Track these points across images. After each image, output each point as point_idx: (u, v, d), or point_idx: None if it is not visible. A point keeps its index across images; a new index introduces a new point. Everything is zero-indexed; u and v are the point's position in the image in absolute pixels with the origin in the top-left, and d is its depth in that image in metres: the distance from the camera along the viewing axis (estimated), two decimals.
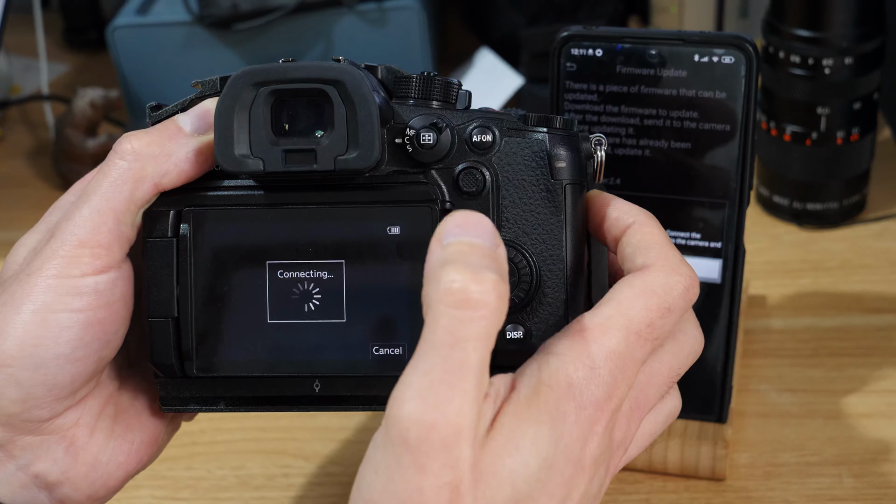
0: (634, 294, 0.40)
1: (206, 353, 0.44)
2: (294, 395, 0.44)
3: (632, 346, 0.39)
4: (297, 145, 0.42)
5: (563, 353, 0.39)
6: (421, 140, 0.42)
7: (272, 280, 0.43)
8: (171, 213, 0.43)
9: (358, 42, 0.87)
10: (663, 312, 0.40)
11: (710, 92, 0.54)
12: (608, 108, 0.55)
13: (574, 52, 0.55)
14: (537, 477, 0.37)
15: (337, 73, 0.41)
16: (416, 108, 0.43)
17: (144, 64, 0.89)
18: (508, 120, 0.43)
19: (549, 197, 0.43)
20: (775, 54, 0.71)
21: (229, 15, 0.85)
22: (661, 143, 0.55)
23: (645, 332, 0.40)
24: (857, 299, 0.70)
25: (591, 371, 0.39)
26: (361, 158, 0.41)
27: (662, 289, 0.41)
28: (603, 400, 0.39)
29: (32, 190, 0.86)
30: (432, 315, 0.37)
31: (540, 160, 0.43)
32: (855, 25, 0.69)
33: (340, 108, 0.41)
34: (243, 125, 0.41)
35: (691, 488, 0.58)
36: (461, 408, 0.36)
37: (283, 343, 0.43)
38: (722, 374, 0.58)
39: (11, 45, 1.02)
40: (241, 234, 0.43)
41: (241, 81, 0.41)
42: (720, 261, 0.56)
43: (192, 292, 0.43)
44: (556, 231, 0.43)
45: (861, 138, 0.73)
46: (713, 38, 0.53)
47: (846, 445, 0.60)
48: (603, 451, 0.39)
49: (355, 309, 0.43)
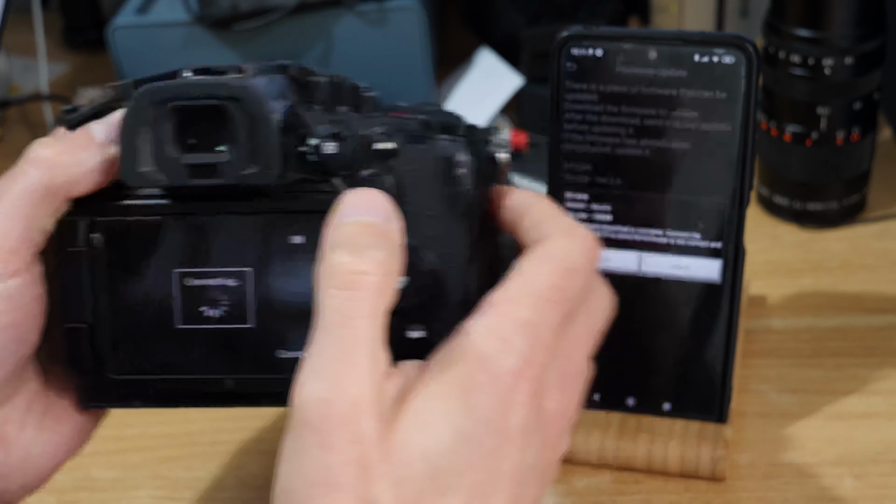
0: (535, 263, 0.41)
1: (120, 357, 0.45)
2: (207, 392, 0.46)
3: (542, 311, 0.40)
4: (201, 160, 0.43)
5: (472, 330, 0.39)
6: (323, 150, 0.43)
7: (181, 287, 0.45)
8: (84, 223, 0.45)
9: (358, 42, 0.87)
10: (567, 273, 0.41)
11: (710, 92, 0.53)
12: (608, 108, 0.55)
13: (574, 52, 0.55)
14: (454, 449, 0.37)
15: (236, 89, 0.42)
16: (321, 115, 0.44)
17: (144, 64, 0.89)
18: (412, 126, 0.44)
19: (450, 202, 0.43)
20: (775, 54, 0.71)
21: (229, 15, 0.85)
22: (661, 143, 0.55)
23: (553, 296, 0.40)
24: (858, 299, 0.70)
25: (503, 342, 0.39)
26: (263, 174, 0.42)
27: (562, 252, 0.41)
28: (520, 368, 0.39)
29: None
30: (321, 297, 0.38)
31: (441, 167, 0.43)
32: (855, 25, 0.69)
33: (241, 123, 0.42)
34: (147, 142, 0.42)
35: (691, 488, 0.58)
36: (356, 382, 0.37)
37: (192, 347, 0.45)
38: (722, 374, 0.58)
39: (11, 45, 1.02)
40: (151, 244, 0.45)
41: (143, 99, 0.42)
42: (720, 261, 0.56)
43: (105, 299, 0.45)
44: (459, 235, 0.44)
45: (861, 138, 0.73)
46: (713, 38, 0.53)
47: (846, 446, 0.60)
48: (532, 421, 0.39)
49: (262, 315, 0.44)
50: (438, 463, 0.37)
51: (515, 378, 0.38)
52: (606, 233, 0.57)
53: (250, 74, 0.44)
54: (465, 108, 0.90)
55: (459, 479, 0.37)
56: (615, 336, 0.59)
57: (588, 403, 0.60)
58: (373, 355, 0.38)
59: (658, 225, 0.56)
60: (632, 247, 0.57)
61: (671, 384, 0.59)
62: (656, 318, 0.58)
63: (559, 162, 0.57)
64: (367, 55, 0.88)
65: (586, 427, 0.59)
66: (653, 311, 0.58)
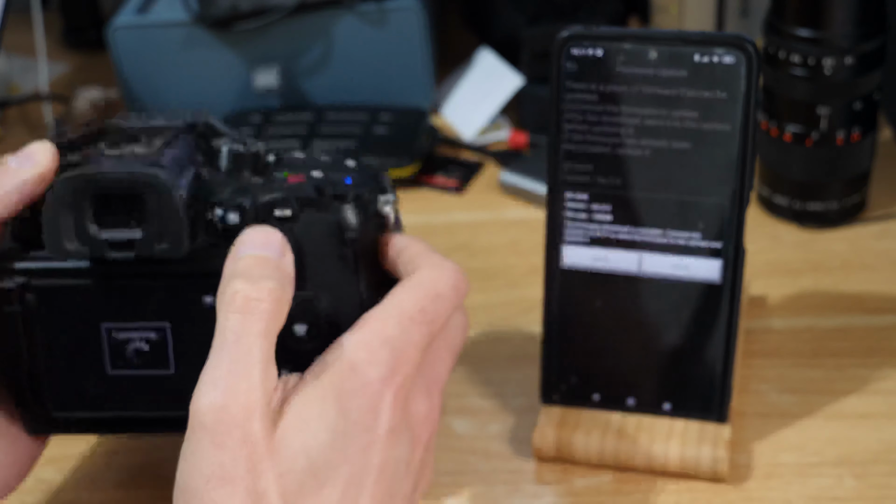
0: (405, 289, 0.48)
1: (60, 398, 0.52)
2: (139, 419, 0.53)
3: (406, 329, 0.46)
4: (118, 236, 0.48)
5: (345, 343, 0.46)
6: (228, 220, 0.49)
7: (109, 339, 0.51)
8: (18, 286, 0.50)
9: (358, 42, 0.87)
10: (433, 298, 0.47)
11: (710, 92, 0.53)
12: (608, 108, 0.55)
13: (574, 52, 0.55)
14: (331, 446, 0.43)
15: (145, 177, 0.47)
16: (226, 181, 0.50)
17: (144, 64, 0.89)
18: (307, 192, 0.50)
19: (342, 259, 0.50)
20: (775, 54, 0.71)
21: (229, 15, 0.85)
22: (661, 143, 0.55)
23: (418, 317, 0.46)
24: (858, 299, 0.70)
25: (370, 354, 0.45)
26: (173, 249, 0.48)
27: (428, 280, 0.48)
28: (386, 377, 0.45)
29: None
30: (220, 321, 0.44)
31: (333, 231, 0.50)
32: (855, 25, 0.69)
33: (152, 206, 0.47)
34: (69, 221, 0.48)
35: (691, 488, 0.58)
36: (248, 390, 0.42)
37: (122, 388, 0.52)
38: (722, 374, 0.58)
39: (10, 45, 1.02)
40: (79, 301, 0.51)
41: (65, 186, 0.47)
42: (720, 261, 0.56)
43: (42, 349, 0.51)
44: (351, 284, 0.50)
45: (861, 138, 0.73)
46: (713, 38, 0.53)
47: (847, 446, 0.60)
48: (399, 422, 0.45)
49: (181, 361, 0.51)
50: (316, 458, 0.43)
51: (382, 385, 0.44)
52: (606, 233, 0.57)
53: (161, 146, 0.49)
54: (465, 108, 0.90)
55: (335, 471, 0.43)
56: (615, 336, 0.59)
57: (588, 403, 0.60)
58: (264, 369, 0.43)
59: (658, 225, 0.56)
60: (632, 247, 0.57)
61: (671, 384, 0.59)
62: (656, 318, 0.58)
63: (559, 162, 0.57)
64: (367, 55, 0.88)
65: (586, 427, 0.59)
66: (653, 311, 0.58)
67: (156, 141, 0.50)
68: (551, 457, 0.60)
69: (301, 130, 0.85)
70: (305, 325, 0.50)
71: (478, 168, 0.85)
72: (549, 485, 0.59)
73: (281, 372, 0.48)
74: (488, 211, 0.81)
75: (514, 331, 0.69)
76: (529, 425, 0.61)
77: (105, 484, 0.61)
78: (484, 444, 0.62)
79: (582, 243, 0.58)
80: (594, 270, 0.58)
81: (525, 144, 0.86)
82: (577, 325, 0.59)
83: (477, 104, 0.89)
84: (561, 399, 0.60)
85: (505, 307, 0.71)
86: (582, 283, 0.58)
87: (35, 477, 0.62)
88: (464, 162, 0.86)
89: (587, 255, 0.58)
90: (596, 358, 0.60)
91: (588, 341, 0.59)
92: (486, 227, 0.79)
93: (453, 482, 0.60)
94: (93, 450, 0.62)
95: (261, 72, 0.88)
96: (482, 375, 0.66)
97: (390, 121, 0.86)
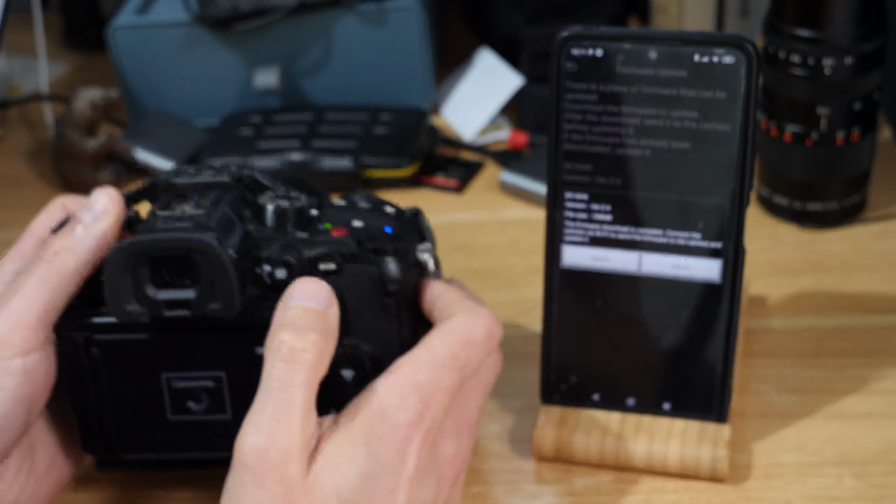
0: (438, 335, 0.50)
1: (125, 442, 0.55)
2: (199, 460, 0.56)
3: (438, 376, 0.48)
4: (174, 296, 0.51)
5: (377, 389, 0.48)
6: (276, 276, 0.52)
7: (168, 388, 0.54)
8: (83, 341, 0.53)
9: (358, 42, 0.87)
10: (465, 345, 0.49)
11: (710, 92, 0.54)
12: (608, 108, 0.55)
13: (574, 52, 0.55)
14: (360, 487, 0.46)
15: (197, 243, 0.50)
16: (272, 237, 0.53)
17: (144, 64, 0.89)
18: (349, 248, 0.53)
19: (384, 308, 0.53)
20: (775, 54, 0.71)
21: (229, 15, 0.85)
22: (661, 143, 0.55)
23: (449, 363, 0.49)
24: (858, 299, 0.70)
25: (400, 399, 0.47)
26: (226, 309, 0.51)
27: (462, 327, 0.50)
28: (414, 422, 0.47)
29: (32, 190, 0.86)
30: (267, 367, 0.47)
31: (375, 283, 0.53)
32: (855, 25, 0.69)
33: (204, 269, 0.50)
34: (128, 284, 0.51)
35: (691, 488, 0.58)
36: (289, 435, 0.45)
37: (184, 431, 0.55)
38: (722, 374, 0.58)
39: (11, 45, 1.02)
40: (141, 354, 0.54)
41: (123, 253, 0.50)
42: (720, 261, 0.56)
43: (107, 397, 0.54)
44: (392, 332, 0.53)
45: (861, 138, 0.73)
46: (713, 38, 0.53)
47: (847, 446, 0.60)
48: (426, 465, 0.48)
49: (237, 407, 0.54)
50: (347, 498, 0.46)
51: (410, 430, 0.47)
52: (606, 233, 0.57)
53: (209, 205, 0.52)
54: (465, 108, 0.90)
55: None
56: (615, 336, 0.59)
57: (588, 403, 0.60)
58: (304, 416, 0.46)
59: (658, 225, 0.56)
60: (632, 247, 0.57)
61: (671, 384, 0.59)
62: (656, 319, 0.58)
63: (559, 162, 0.57)
64: (367, 55, 0.88)
65: (586, 427, 0.59)
66: (653, 311, 0.58)
67: (204, 200, 0.53)
68: (551, 457, 0.60)
69: (301, 130, 0.85)
70: (352, 371, 0.53)
71: (478, 168, 0.85)
72: (549, 485, 0.59)
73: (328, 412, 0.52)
74: (488, 211, 0.81)
75: (515, 331, 0.69)
76: (529, 425, 0.62)
77: (105, 484, 0.61)
78: (484, 444, 0.62)
79: (582, 243, 0.58)
80: (594, 270, 0.58)
81: (525, 144, 0.86)
82: (577, 325, 0.59)
83: (477, 104, 0.89)
84: (561, 399, 0.60)
85: (505, 307, 0.71)
86: (582, 283, 0.58)
87: None
88: (464, 162, 0.86)
89: (587, 255, 0.58)
90: (596, 358, 0.60)
91: (588, 341, 0.59)
92: (486, 227, 0.79)
93: None
94: None
95: (261, 72, 0.88)
96: None
97: (390, 121, 0.86)
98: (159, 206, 0.53)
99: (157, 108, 0.91)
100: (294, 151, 0.83)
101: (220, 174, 0.55)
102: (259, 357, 0.50)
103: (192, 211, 0.52)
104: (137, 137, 0.87)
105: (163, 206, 0.53)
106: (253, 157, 0.83)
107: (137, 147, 0.86)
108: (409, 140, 0.84)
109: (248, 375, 0.53)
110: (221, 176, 0.55)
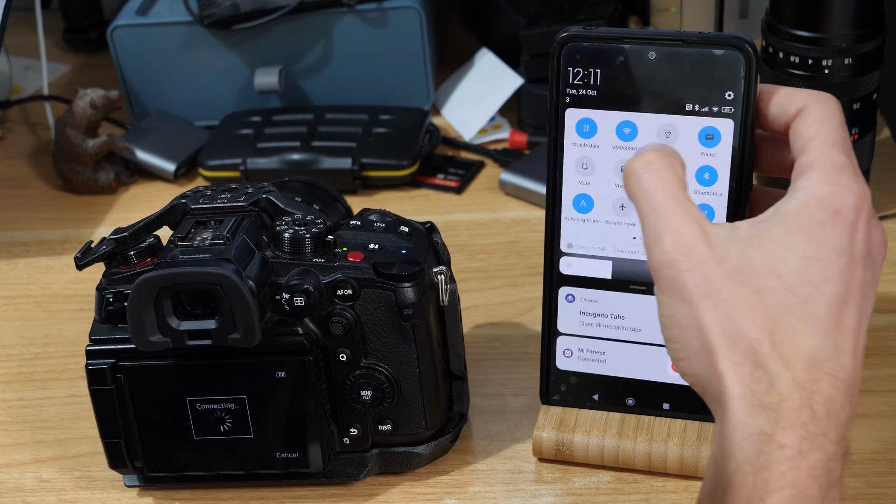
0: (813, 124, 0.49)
1: (152, 462, 0.58)
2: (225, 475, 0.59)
3: (848, 154, 0.47)
4: (196, 327, 0.53)
5: (802, 186, 0.47)
6: (294, 303, 0.55)
7: (193, 410, 0.56)
8: (109, 367, 0.56)
9: (358, 42, 0.87)
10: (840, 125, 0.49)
11: (709, 92, 0.54)
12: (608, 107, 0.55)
13: (574, 53, 0.55)
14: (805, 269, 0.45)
15: (217, 277, 0.52)
16: (290, 264, 0.55)
17: (144, 64, 0.89)
18: (366, 274, 0.55)
19: (401, 332, 0.56)
20: (775, 54, 0.71)
21: (229, 15, 0.85)
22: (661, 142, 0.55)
23: (844, 144, 0.48)
24: None
25: (834, 185, 0.46)
26: (246, 339, 0.53)
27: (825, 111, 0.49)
28: (856, 204, 0.46)
29: (33, 190, 0.86)
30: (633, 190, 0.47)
31: (391, 307, 0.56)
32: (854, 26, 0.69)
33: (224, 301, 0.52)
34: (151, 317, 0.53)
35: (691, 488, 0.58)
36: (681, 225, 0.45)
37: (209, 450, 0.57)
38: None
39: (12, 46, 1.02)
40: (165, 379, 0.56)
41: (146, 287, 0.52)
42: None
43: (134, 420, 0.57)
44: (409, 354, 0.56)
45: (861, 138, 0.73)
46: (713, 38, 0.53)
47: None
48: (865, 246, 0.46)
49: (259, 428, 0.57)
50: (790, 280, 0.44)
51: (852, 212, 0.46)
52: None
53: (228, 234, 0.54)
54: (465, 108, 0.90)
55: (817, 290, 0.44)
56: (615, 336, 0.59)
57: (588, 403, 0.60)
58: (683, 205, 0.45)
59: None
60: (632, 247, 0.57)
61: (671, 384, 0.59)
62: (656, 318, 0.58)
63: (559, 162, 0.57)
64: (367, 55, 0.88)
65: (586, 427, 0.59)
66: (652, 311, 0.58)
67: (222, 228, 0.55)
68: (551, 457, 0.60)
69: (301, 130, 0.85)
70: (370, 391, 0.56)
71: (478, 168, 0.85)
72: (549, 485, 0.59)
73: (347, 428, 0.57)
74: (488, 211, 0.81)
75: (515, 331, 0.69)
76: (529, 425, 0.62)
77: (105, 484, 0.61)
78: (484, 444, 0.62)
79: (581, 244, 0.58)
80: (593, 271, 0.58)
81: (525, 144, 0.86)
82: (576, 326, 0.59)
83: (477, 104, 0.89)
84: (561, 399, 0.61)
85: (505, 307, 0.71)
86: (581, 284, 0.58)
87: (36, 476, 0.62)
88: (464, 162, 0.86)
89: None
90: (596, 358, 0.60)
91: (587, 341, 0.59)
92: (485, 227, 0.80)
93: (453, 482, 0.60)
94: (93, 451, 0.62)
95: (261, 72, 0.88)
96: (482, 375, 0.66)
97: (390, 121, 0.86)
98: (179, 236, 0.55)
99: (157, 108, 0.91)
100: (294, 151, 0.83)
101: (236, 196, 0.56)
102: (278, 381, 0.54)
103: (210, 241, 0.54)
104: (137, 137, 0.87)
105: (182, 235, 0.55)
106: (253, 157, 0.83)
107: (137, 147, 0.86)
108: (408, 140, 0.84)
109: (269, 398, 0.56)
110: (238, 199, 0.56)
